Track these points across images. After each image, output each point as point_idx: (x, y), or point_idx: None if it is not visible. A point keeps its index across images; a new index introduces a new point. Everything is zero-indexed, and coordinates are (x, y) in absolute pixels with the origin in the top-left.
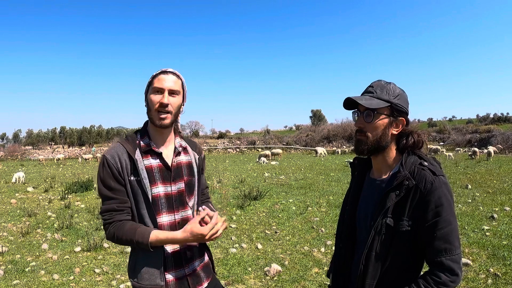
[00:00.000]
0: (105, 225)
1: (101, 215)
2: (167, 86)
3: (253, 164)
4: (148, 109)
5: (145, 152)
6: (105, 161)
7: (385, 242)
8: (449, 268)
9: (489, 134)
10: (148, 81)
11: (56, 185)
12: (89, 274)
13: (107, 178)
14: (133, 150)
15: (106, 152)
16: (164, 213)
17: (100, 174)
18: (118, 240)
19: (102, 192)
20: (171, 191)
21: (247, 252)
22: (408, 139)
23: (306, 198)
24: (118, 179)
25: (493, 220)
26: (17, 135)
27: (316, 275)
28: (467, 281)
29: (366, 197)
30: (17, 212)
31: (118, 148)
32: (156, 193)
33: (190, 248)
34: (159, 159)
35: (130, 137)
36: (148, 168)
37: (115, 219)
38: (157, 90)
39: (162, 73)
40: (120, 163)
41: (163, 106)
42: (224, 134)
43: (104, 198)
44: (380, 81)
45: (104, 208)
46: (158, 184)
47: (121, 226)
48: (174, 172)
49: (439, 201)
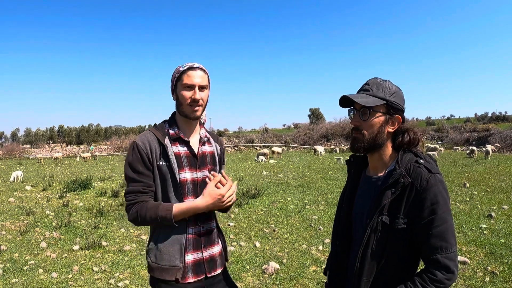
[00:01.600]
0: (128, 206)
1: (125, 197)
2: (197, 82)
3: (252, 163)
4: (179, 103)
5: (173, 139)
6: (135, 146)
7: (381, 240)
8: (445, 266)
9: (487, 133)
10: (176, 76)
11: (54, 183)
12: (87, 273)
13: (136, 162)
14: (162, 137)
15: (137, 138)
16: (190, 197)
17: (129, 157)
18: (142, 219)
19: (129, 174)
20: (197, 178)
21: (245, 250)
22: (404, 136)
23: (304, 196)
24: (147, 164)
25: (491, 218)
26: (15, 134)
27: (314, 273)
28: (464, 279)
29: (362, 194)
30: (16, 210)
31: (149, 135)
32: (183, 177)
33: (209, 232)
34: (187, 147)
35: (159, 125)
36: (177, 154)
37: (138, 199)
38: (188, 86)
39: (190, 69)
40: (150, 149)
41: (196, 101)
42: (223, 132)
43: (130, 181)
44: (376, 79)
45: (129, 190)
46: (186, 170)
47: (143, 205)
48: (200, 160)
49: (434, 199)
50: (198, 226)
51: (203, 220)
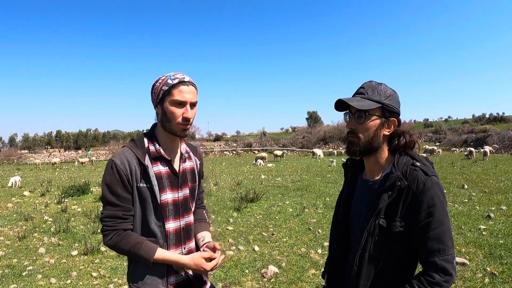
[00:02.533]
0: (106, 231)
1: (102, 220)
2: (189, 99)
3: (250, 166)
4: (166, 120)
5: (154, 158)
6: (113, 166)
7: (378, 243)
8: (443, 268)
9: (485, 134)
10: (165, 89)
11: (52, 189)
12: (86, 278)
13: (115, 184)
14: (142, 156)
15: (115, 156)
16: (171, 220)
17: (107, 178)
18: (120, 250)
19: (107, 197)
20: (178, 198)
21: (244, 254)
22: (400, 139)
23: (302, 200)
24: (126, 186)
25: (490, 219)
26: (13, 139)
27: (313, 276)
28: (464, 281)
29: (359, 198)
30: (14, 216)
31: (128, 153)
32: (165, 199)
33: (190, 253)
34: (168, 165)
35: (138, 141)
36: (158, 174)
37: (119, 227)
38: (180, 103)
39: (182, 83)
40: (130, 169)
41: (187, 120)
42: (221, 136)
43: (108, 204)
44: (371, 82)
45: (108, 214)
46: (167, 191)
47: (125, 237)
48: (181, 179)
49: (431, 202)
50: (180, 246)
51: (184, 240)
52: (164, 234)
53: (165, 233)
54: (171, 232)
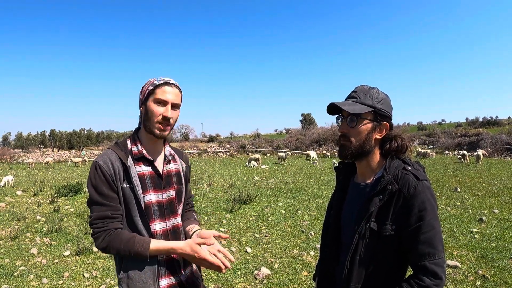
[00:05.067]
0: (97, 233)
1: (92, 223)
2: (171, 99)
3: (243, 168)
4: (147, 118)
5: (137, 159)
6: (97, 167)
7: (369, 246)
8: (433, 272)
9: (478, 138)
10: (149, 89)
11: (45, 188)
12: (78, 279)
13: (100, 184)
14: (125, 156)
15: (98, 158)
16: (157, 220)
17: (92, 180)
18: (113, 250)
19: (94, 198)
20: (162, 199)
21: (236, 256)
22: (392, 143)
23: (295, 201)
24: (111, 185)
25: (482, 222)
26: (7, 138)
27: (305, 278)
28: (455, 283)
29: (351, 201)
30: (6, 216)
31: (110, 154)
32: (148, 200)
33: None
34: (151, 166)
35: (121, 143)
36: (140, 175)
37: (109, 227)
38: (160, 102)
39: (166, 84)
40: (113, 169)
41: (166, 119)
42: (214, 137)
43: (95, 204)
44: (364, 86)
45: (97, 215)
46: (150, 192)
47: (116, 236)
48: (165, 180)
49: (422, 206)
50: None
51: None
52: (151, 235)
53: (153, 234)
54: (159, 233)
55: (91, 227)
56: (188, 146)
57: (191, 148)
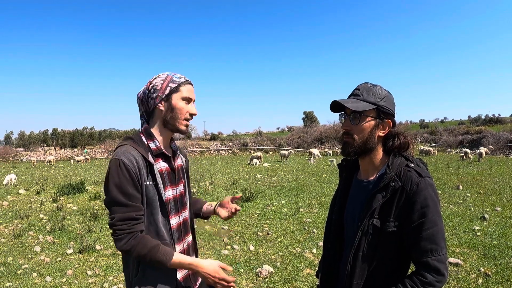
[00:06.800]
0: (121, 235)
1: (115, 224)
2: (194, 97)
3: (245, 166)
4: (172, 115)
5: (156, 155)
6: (122, 165)
7: (372, 242)
8: (435, 268)
9: (481, 135)
10: (172, 86)
11: (48, 187)
12: (81, 276)
13: (125, 184)
14: (146, 153)
15: (121, 155)
16: (173, 216)
17: (115, 179)
18: (135, 253)
19: (118, 199)
20: (176, 194)
21: (239, 254)
22: (395, 140)
23: (298, 199)
24: (136, 185)
25: (484, 220)
26: (9, 137)
27: (308, 275)
28: (458, 281)
29: (354, 198)
30: (9, 214)
31: (133, 151)
32: (167, 196)
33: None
34: (167, 162)
35: (136, 139)
36: (160, 171)
37: (135, 229)
38: (187, 100)
39: (189, 83)
40: (138, 167)
41: (192, 116)
42: (217, 135)
43: (119, 205)
44: (366, 84)
45: (121, 217)
46: (168, 188)
47: (142, 240)
48: (177, 175)
49: (424, 202)
50: (182, 242)
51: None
52: (169, 231)
53: (170, 230)
54: (174, 228)
55: (113, 228)
56: (191, 144)
57: (194, 146)
